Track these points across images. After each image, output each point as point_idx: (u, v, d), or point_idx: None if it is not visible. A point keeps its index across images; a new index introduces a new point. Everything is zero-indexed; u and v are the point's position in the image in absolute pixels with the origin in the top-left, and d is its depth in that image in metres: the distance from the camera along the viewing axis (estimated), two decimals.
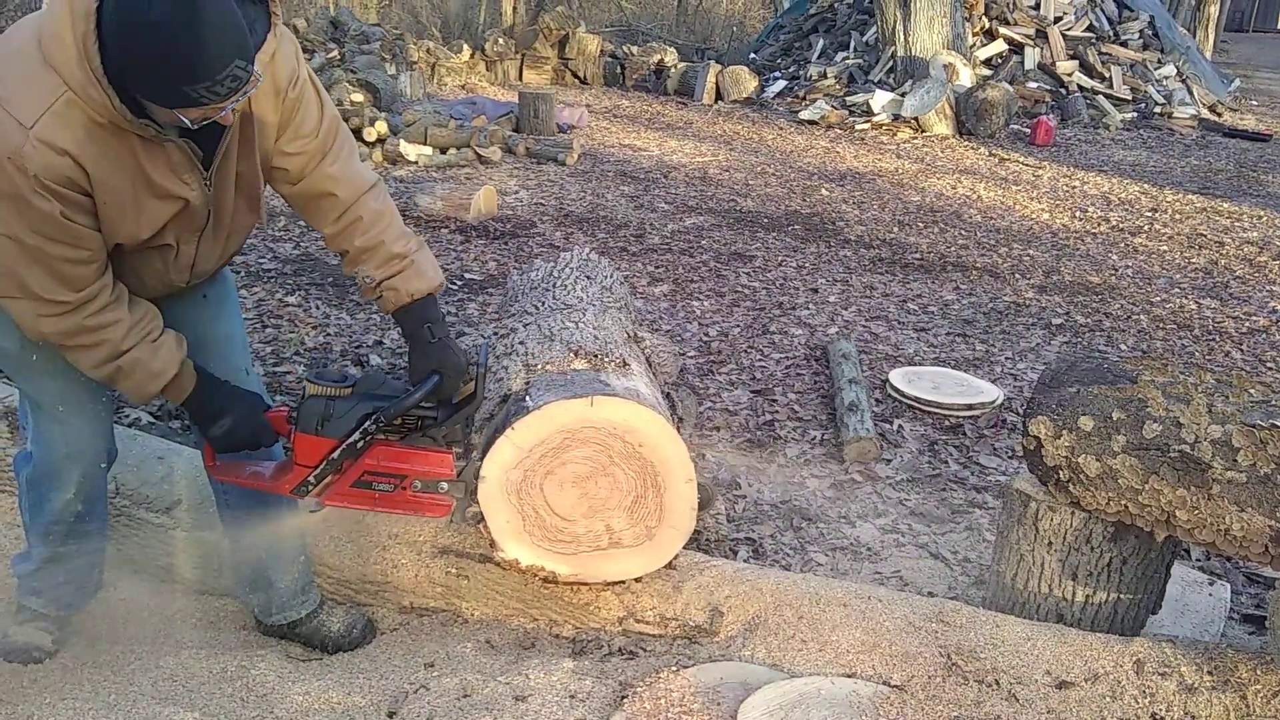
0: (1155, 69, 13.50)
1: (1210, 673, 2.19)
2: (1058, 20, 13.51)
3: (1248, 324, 5.73)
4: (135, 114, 1.82)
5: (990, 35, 13.38)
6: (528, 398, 2.48)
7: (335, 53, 11.92)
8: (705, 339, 5.09)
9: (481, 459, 2.44)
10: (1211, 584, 2.90)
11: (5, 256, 1.88)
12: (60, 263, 1.90)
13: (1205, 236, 7.68)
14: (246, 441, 2.21)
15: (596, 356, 2.66)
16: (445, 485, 2.28)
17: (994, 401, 4.35)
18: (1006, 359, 5.05)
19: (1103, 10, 13.98)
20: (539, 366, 2.64)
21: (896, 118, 11.68)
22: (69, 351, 2.03)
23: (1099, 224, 7.96)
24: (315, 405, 2.19)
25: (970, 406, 4.30)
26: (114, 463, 2.39)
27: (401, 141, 8.77)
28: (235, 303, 2.45)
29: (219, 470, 2.32)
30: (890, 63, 12.94)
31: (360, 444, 2.19)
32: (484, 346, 2.48)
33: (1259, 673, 2.16)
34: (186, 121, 1.80)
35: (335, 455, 2.18)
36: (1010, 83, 12.29)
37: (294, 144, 2.12)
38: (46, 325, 1.97)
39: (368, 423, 2.17)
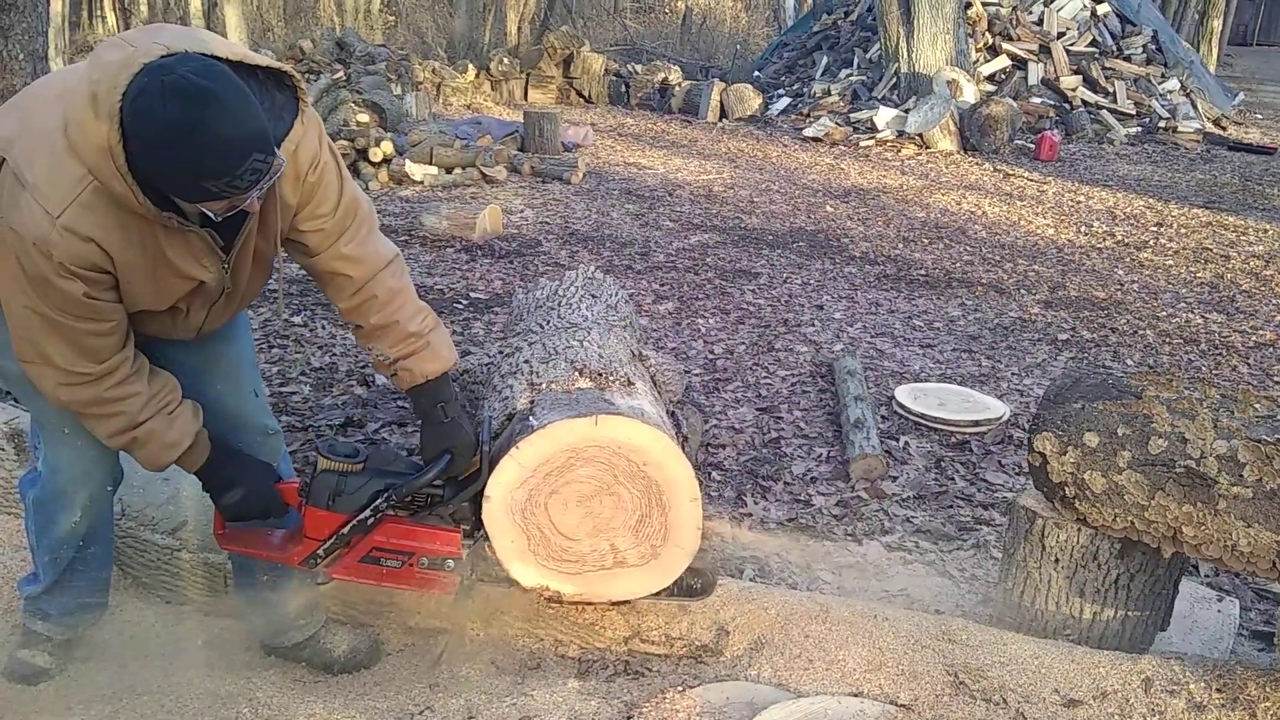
0: (1159, 83, 13.52)
1: (1219, 690, 2.18)
2: (1061, 35, 13.54)
3: (1254, 338, 5.72)
4: (160, 206, 1.84)
5: (994, 51, 13.41)
6: (532, 417, 2.48)
7: (341, 73, 11.98)
8: (711, 356, 5.10)
9: (485, 479, 2.44)
10: (1220, 600, 2.88)
11: (29, 328, 1.92)
12: (84, 335, 1.94)
13: (1211, 251, 7.67)
14: (257, 512, 2.23)
15: (601, 375, 2.66)
16: (452, 563, 2.30)
17: (1000, 418, 4.34)
18: (1012, 375, 5.04)
19: (1106, 25, 14.01)
20: (544, 385, 2.64)
21: (901, 134, 11.71)
22: (86, 419, 2.06)
23: (1104, 239, 7.95)
24: (327, 480, 2.22)
25: (976, 423, 4.29)
26: (120, 485, 2.40)
27: (407, 161, 8.81)
28: (246, 325, 2.46)
29: (227, 539, 2.33)
30: (894, 79, 12.98)
31: (370, 520, 2.22)
32: (486, 422, 2.50)
33: (1268, 690, 2.15)
34: (212, 215, 1.84)
35: (345, 531, 2.21)
36: (1014, 98, 12.31)
37: (310, 222, 2.13)
38: (66, 394, 2.00)
39: (379, 500, 2.20)
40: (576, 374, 2.65)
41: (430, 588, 2.32)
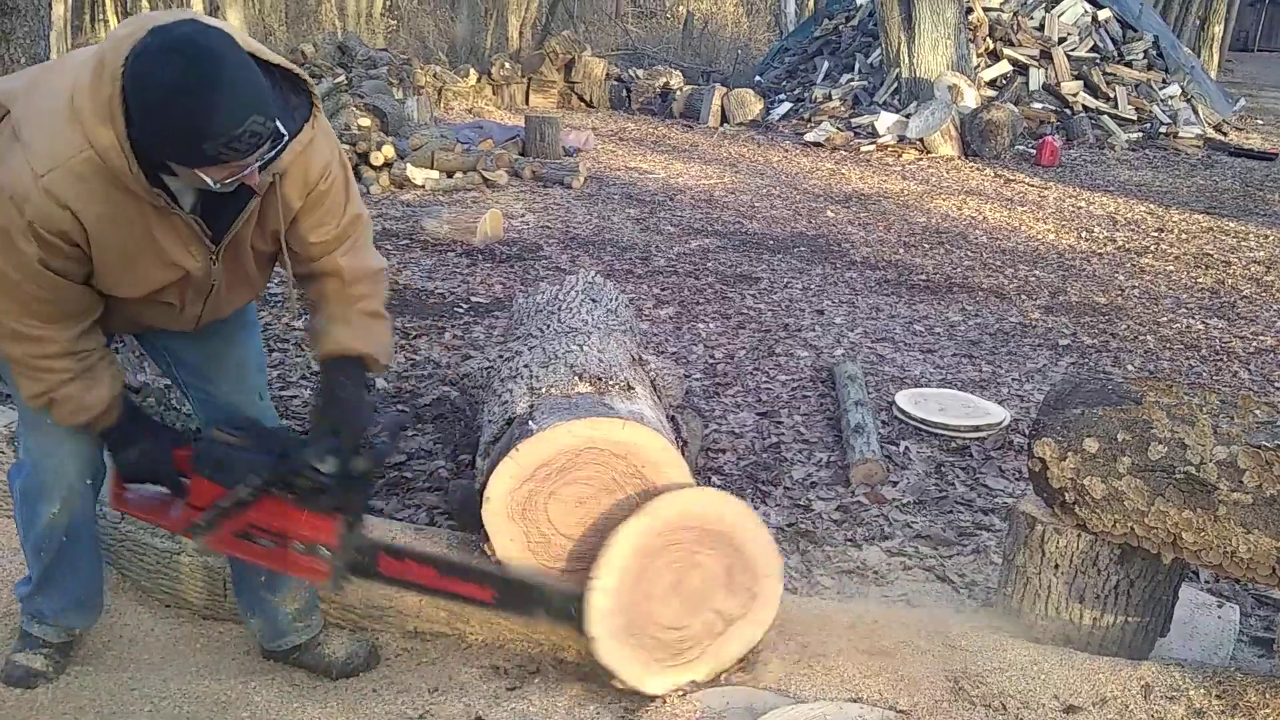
0: (1160, 89, 13.52)
1: (1219, 696, 2.17)
2: (1062, 41, 13.55)
3: (1255, 344, 5.72)
4: (151, 182, 1.84)
5: (995, 56, 13.42)
6: (531, 421, 2.49)
7: (342, 77, 11.98)
8: (711, 361, 5.10)
9: (485, 481, 2.45)
10: (1220, 606, 2.88)
11: None
12: (30, 299, 1.94)
13: (1212, 256, 7.67)
14: (148, 474, 2.23)
15: (601, 380, 2.67)
16: (325, 551, 2.22)
17: (1001, 423, 4.34)
18: (1013, 380, 5.04)
19: (1107, 31, 14.02)
20: (543, 390, 2.65)
21: (902, 139, 11.71)
22: (13, 374, 2.08)
23: (1105, 244, 7.95)
24: (213, 450, 2.19)
25: (977, 428, 4.29)
26: (101, 480, 2.39)
27: (408, 165, 8.82)
28: (255, 326, 2.46)
29: (121, 501, 2.32)
30: (895, 84, 12.99)
31: (245, 496, 2.16)
32: (393, 422, 2.45)
33: (1268, 696, 2.15)
34: (211, 182, 1.82)
35: (224, 504, 2.17)
36: (1015, 103, 12.31)
37: (316, 232, 2.13)
38: (2, 344, 2.01)
39: (251, 475, 2.14)
40: (576, 378, 2.66)
41: (300, 573, 2.27)
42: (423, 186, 8.74)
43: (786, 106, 14.06)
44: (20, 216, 1.83)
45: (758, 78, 15.95)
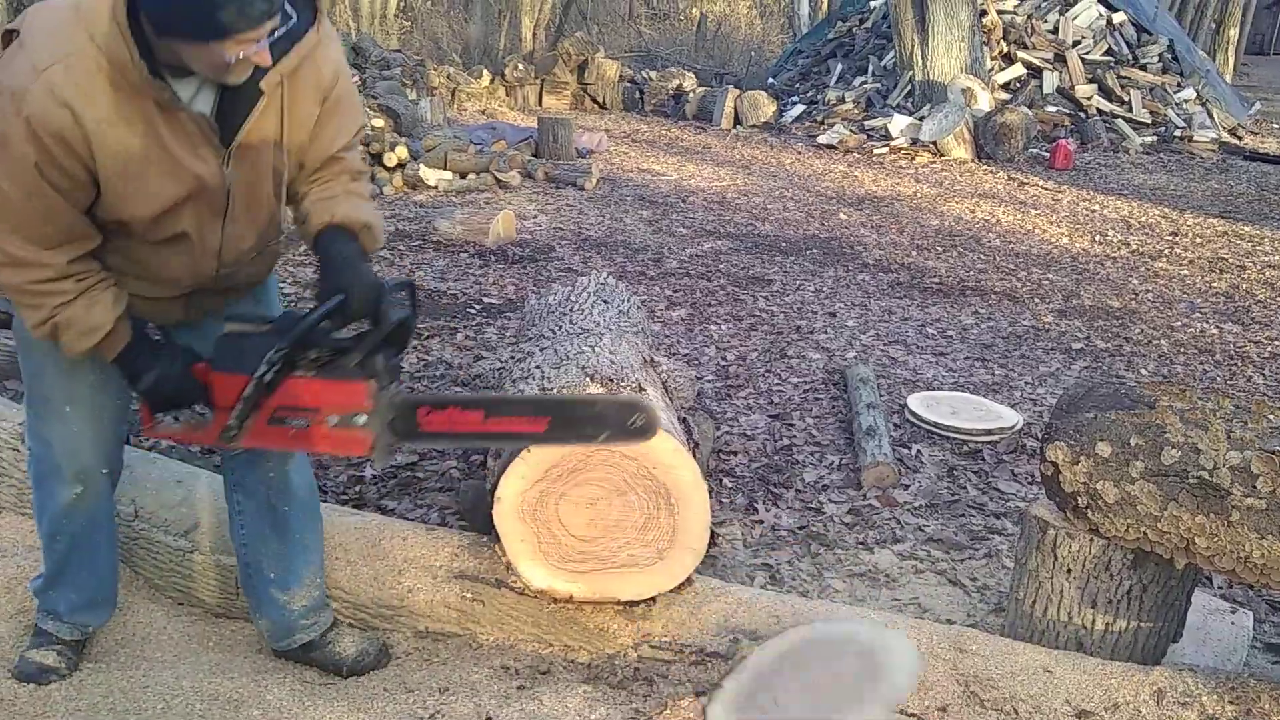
0: (1175, 92, 13.47)
1: (1232, 703, 2.16)
2: (1076, 44, 13.51)
3: (1270, 348, 5.69)
4: (153, 74, 1.84)
5: (1009, 59, 13.38)
6: None
7: (356, 78, 12.02)
8: (723, 363, 5.09)
9: (497, 481, 2.46)
10: (1234, 612, 2.86)
11: None
12: (17, 214, 1.91)
13: (1226, 260, 7.64)
14: (173, 395, 2.15)
15: (612, 381, 2.67)
16: (363, 419, 2.12)
17: (1013, 426, 4.32)
18: (1026, 384, 5.02)
19: (1121, 34, 13.97)
20: (554, 391, 2.65)
21: (915, 142, 11.69)
22: (15, 307, 2.07)
23: (1119, 248, 7.93)
24: (230, 342, 2.12)
25: (989, 431, 4.28)
26: (118, 474, 2.41)
27: (421, 166, 8.83)
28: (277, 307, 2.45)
29: (153, 430, 2.24)
30: (909, 87, 12.97)
31: (269, 376, 2.08)
32: (405, 282, 2.35)
33: None
34: (227, 55, 1.81)
35: (249, 392, 2.09)
36: (1029, 107, 12.28)
37: (338, 140, 2.16)
38: (1, 274, 1.99)
39: (270, 353, 2.07)
40: (588, 380, 2.67)
41: (340, 448, 2.19)
42: (436, 187, 8.76)
43: (800, 109, 14.04)
44: (18, 115, 1.81)
45: (771, 80, 15.94)
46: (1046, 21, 13.80)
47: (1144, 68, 13.72)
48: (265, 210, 2.16)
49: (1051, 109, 12.72)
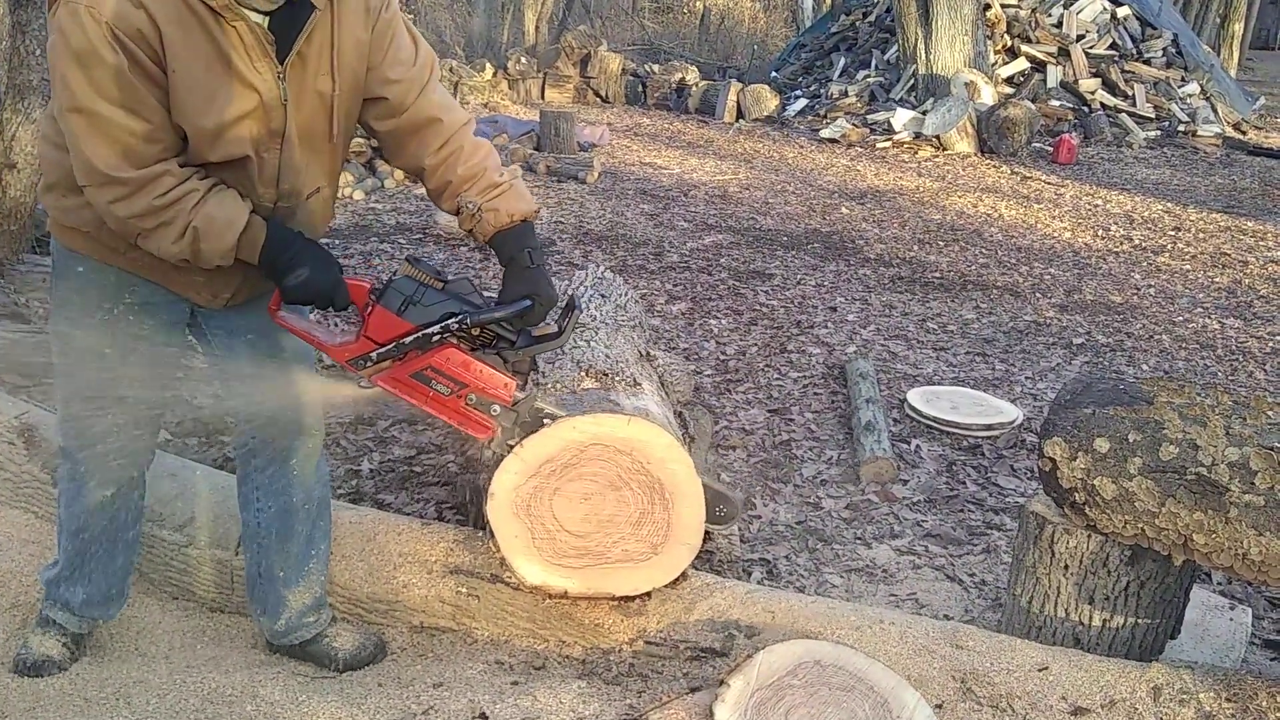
0: (1179, 87, 13.42)
1: (1229, 700, 2.15)
2: (1080, 38, 13.46)
3: (1271, 344, 5.67)
4: None
5: (1012, 53, 13.34)
6: None
7: None
8: (723, 357, 5.08)
9: (491, 475, 2.45)
10: (1232, 609, 2.85)
11: (75, 136, 1.93)
12: (122, 133, 1.92)
13: (1229, 256, 7.61)
14: (322, 294, 2.13)
15: (607, 375, 2.66)
16: (498, 409, 2.28)
17: (1013, 422, 4.31)
18: (1026, 379, 5.01)
19: (1126, 28, 13.92)
20: (549, 385, 2.65)
21: (918, 136, 11.66)
22: (146, 237, 2.03)
23: (1121, 243, 7.90)
24: (406, 285, 2.18)
25: (989, 427, 4.27)
26: (150, 464, 2.42)
27: None
28: (309, 357, 2.45)
29: (281, 318, 2.24)
30: (912, 81, 12.93)
31: (435, 337, 2.17)
32: (583, 294, 2.49)
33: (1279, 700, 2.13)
34: None
35: (408, 340, 2.17)
36: (1033, 101, 12.24)
37: (395, 69, 2.17)
38: (121, 209, 1.98)
39: (451, 320, 2.15)
40: (582, 374, 2.66)
41: (469, 426, 2.29)
42: None
43: (802, 102, 14.01)
44: (98, 23, 1.84)
45: (774, 73, 15.90)
46: (1050, 15, 13.75)
47: (1148, 62, 13.67)
48: (321, 138, 2.16)
49: (1055, 103, 12.69)
